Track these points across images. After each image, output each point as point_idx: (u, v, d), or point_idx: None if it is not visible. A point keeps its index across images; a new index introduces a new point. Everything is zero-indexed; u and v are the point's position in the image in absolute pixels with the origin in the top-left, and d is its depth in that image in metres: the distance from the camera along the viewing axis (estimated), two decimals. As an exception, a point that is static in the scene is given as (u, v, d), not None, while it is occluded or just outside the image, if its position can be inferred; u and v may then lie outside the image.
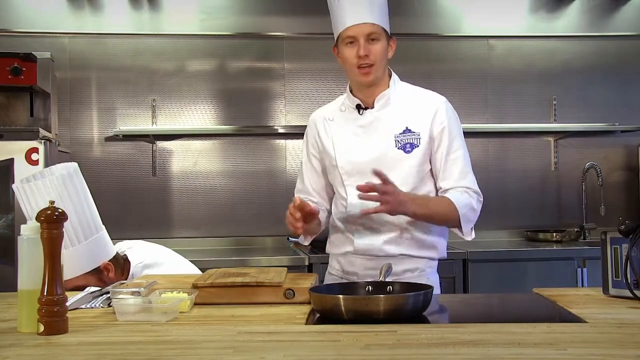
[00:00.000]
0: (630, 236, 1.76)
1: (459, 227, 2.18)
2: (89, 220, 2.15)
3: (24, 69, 3.54)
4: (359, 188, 2.00)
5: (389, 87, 2.22)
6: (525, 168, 4.40)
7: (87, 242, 2.14)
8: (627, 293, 1.77)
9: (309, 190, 2.36)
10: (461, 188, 2.18)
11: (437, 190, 2.24)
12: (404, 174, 2.17)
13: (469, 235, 2.21)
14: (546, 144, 4.43)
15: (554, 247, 3.96)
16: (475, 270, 3.64)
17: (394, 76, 2.26)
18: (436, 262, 2.28)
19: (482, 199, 2.22)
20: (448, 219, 2.17)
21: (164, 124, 4.20)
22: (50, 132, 3.73)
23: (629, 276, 1.76)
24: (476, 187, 2.21)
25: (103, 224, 2.23)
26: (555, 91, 4.40)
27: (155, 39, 4.20)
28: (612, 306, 1.74)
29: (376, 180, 2.01)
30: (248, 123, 4.26)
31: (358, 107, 2.23)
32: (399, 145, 2.17)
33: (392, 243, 2.17)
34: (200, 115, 4.24)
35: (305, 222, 2.06)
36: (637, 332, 1.47)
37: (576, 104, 4.40)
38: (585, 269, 3.69)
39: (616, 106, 4.40)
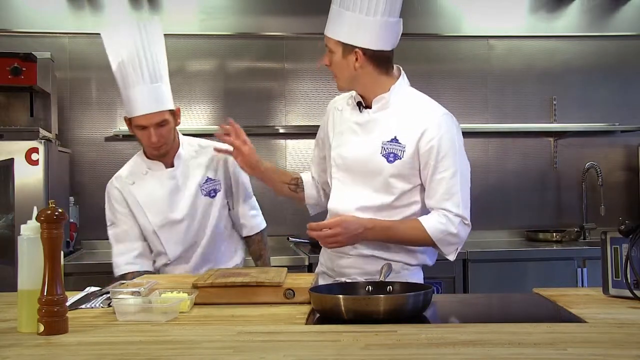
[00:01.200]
0: (630, 236, 1.76)
1: (438, 249, 2.16)
2: (163, 66, 2.50)
3: (24, 69, 3.54)
4: (309, 229, 2.06)
5: (389, 90, 2.17)
6: (525, 168, 4.40)
7: (167, 83, 2.50)
8: (627, 293, 1.77)
9: (314, 166, 2.46)
10: (442, 210, 2.10)
11: (423, 205, 2.18)
12: (382, 182, 2.13)
13: (451, 256, 2.17)
14: (546, 144, 4.42)
15: (554, 247, 3.96)
16: (475, 270, 3.64)
17: (401, 80, 2.20)
18: (416, 267, 2.22)
19: (467, 222, 2.13)
20: (420, 243, 2.15)
21: (164, 124, 4.19)
22: (50, 132, 3.73)
23: (629, 276, 1.76)
24: (459, 210, 2.10)
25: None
26: (555, 91, 4.40)
27: (155, 39, 4.19)
28: (612, 306, 1.74)
29: (358, 187, 2.15)
30: (248, 123, 4.24)
31: (359, 104, 2.24)
32: (384, 152, 2.12)
33: (364, 243, 2.14)
34: (200, 116, 4.24)
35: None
36: (637, 332, 1.47)
37: (576, 104, 4.40)
38: (585, 269, 3.69)
39: (616, 106, 4.39)
